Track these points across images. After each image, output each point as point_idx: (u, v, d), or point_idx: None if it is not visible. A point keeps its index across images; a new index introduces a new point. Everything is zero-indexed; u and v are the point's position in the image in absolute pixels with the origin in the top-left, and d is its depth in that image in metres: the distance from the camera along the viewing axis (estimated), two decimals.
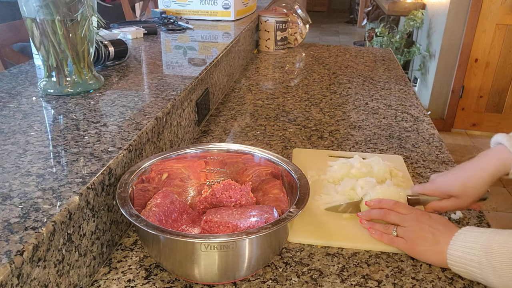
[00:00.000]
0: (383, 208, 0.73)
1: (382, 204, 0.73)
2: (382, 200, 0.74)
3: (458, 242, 0.63)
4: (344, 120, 1.19)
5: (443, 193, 0.74)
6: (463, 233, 0.64)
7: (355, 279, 0.64)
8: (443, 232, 0.66)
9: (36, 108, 0.81)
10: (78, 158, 0.63)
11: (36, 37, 0.82)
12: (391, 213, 0.71)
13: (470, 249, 0.62)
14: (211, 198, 0.73)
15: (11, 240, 0.46)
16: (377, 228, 0.72)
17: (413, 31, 3.91)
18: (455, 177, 0.74)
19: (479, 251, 0.60)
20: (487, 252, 0.60)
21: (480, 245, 0.61)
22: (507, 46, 3.11)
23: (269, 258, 0.65)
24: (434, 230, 0.67)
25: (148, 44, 1.32)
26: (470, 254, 0.61)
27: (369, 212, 0.74)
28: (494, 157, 0.70)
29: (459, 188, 0.72)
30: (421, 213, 0.71)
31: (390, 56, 1.86)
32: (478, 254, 0.60)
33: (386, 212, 0.72)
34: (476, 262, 0.61)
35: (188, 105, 1.01)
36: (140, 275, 0.63)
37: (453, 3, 3.09)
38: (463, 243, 0.63)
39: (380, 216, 0.72)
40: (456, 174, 0.74)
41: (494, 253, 0.59)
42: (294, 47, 1.93)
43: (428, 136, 1.11)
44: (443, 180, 0.75)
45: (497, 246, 0.59)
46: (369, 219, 0.74)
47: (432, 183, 0.76)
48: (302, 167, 0.74)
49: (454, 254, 0.63)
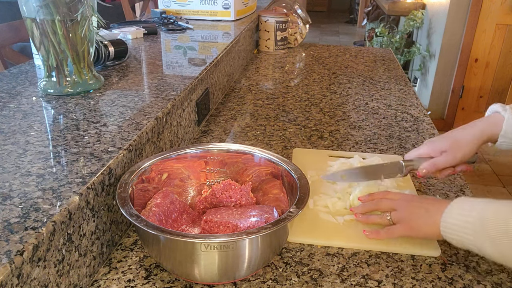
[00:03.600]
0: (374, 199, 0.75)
1: (374, 196, 0.76)
2: (373, 193, 0.77)
3: (453, 210, 0.64)
4: (344, 120, 1.19)
5: (436, 150, 0.78)
6: (459, 201, 0.65)
7: (355, 279, 0.64)
8: (436, 206, 0.67)
9: (36, 108, 0.81)
10: (78, 158, 0.63)
11: (36, 37, 0.82)
12: (382, 200, 0.74)
13: (465, 217, 0.62)
14: (211, 198, 0.73)
15: (11, 240, 0.46)
16: (372, 221, 0.73)
17: (413, 31, 3.91)
18: (448, 135, 0.79)
19: (474, 218, 0.61)
20: (482, 220, 0.60)
21: (477, 212, 0.61)
22: (507, 46, 3.11)
23: (269, 258, 0.65)
24: (425, 205, 0.68)
25: (148, 44, 1.32)
26: (465, 222, 0.62)
27: (363, 205, 0.76)
28: (486, 119, 0.77)
29: (451, 142, 0.77)
30: (411, 195, 0.74)
31: (390, 56, 1.86)
32: (474, 222, 0.61)
33: (378, 200, 0.74)
34: (471, 230, 0.61)
35: (188, 105, 1.01)
36: (140, 275, 0.63)
37: (453, 3, 3.09)
38: (459, 211, 0.64)
39: (373, 205, 0.74)
40: (448, 134, 0.80)
41: (490, 221, 0.59)
42: (294, 47, 1.93)
43: (428, 136, 1.11)
44: (436, 139, 0.81)
45: (492, 214, 0.60)
46: (363, 212, 0.75)
47: (426, 144, 0.81)
48: (302, 167, 0.74)
49: (448, 221, 0.64)
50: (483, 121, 0.77)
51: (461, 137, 0.76)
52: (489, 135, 0.75)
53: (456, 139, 0.77)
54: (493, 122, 0.75)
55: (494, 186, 2.68)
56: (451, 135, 0.78)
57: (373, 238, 0.71)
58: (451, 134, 0.79)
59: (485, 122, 0.77)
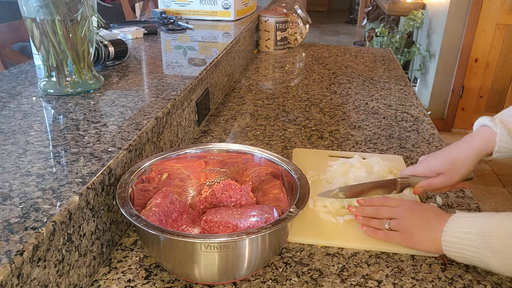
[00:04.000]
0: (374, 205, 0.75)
1: (373, 202, 0.76)
2: (371, 199, 0.77)
3: (452, 228, 0.64)
4: (344, 120, 1.19)
5: (433, 172, 0.77)
6: (456, 219, 0.65)
7: (355, 279, 0.64)
8: (435, 218, 0.67)
9: (36, 108, 0.81)
10: (78, 158, 0.63)
11: (36, 37, 0.82)
12: (382, 208, 0.73)
13: (466, 234, 0.62)
14: (211, 198, 0.73)
15: (11, 240, 0.46)
16: (371, 225, 0.73)
17: (413, 31, 3.91)
18: (444, 155, 0.77)
19: (476, 235, 0.61)
20: (485, 235, 0.60)
21: (477, 229, 0.61)
22: (507, 46, 3.11)
23: (269, 258, 0.65)
24: (426, 217, 0.68)
25: (148, 44, 1.32)
26: (467, 239, 0.62)
27: (362, 209, 0.76)
28: (479, 136, 0.75)
29: (447, 165, 0.75)
30: (411, 202, 0.73)
31: (390, 56, 1.86)
32: (476, 238, 0.61)
33: (378, 208, 0.74)
34: (474, 247, 0.61)
35: (188, 105, 1.01)
36: (140, 275, 0.63)
37: (453, 3, 3.09)
38: (458, 228, 0.64)
39: (373, 212, 0.74)
40: (444, 153, 0.78)
41: (492, 236, 0.59)
42: (294, 47, 1.93)
43: (428, 136, 1.11)
44: (432, 159, 0.78)
45: (495, 228, 0.60)
46: (363, 215, 0.75)
47: (422, 163, 0.79)
48: (302, 167, 0.74)
49: (449, 240, 0.64)
50: (478, 138, 0.74)
51: (458, 159, 0.75)
52: (485, 153, 0.74)
53: (452, 162, 0.75)
54: (488, 139, 0.73)
55: (494, 186, 2.68)
56: (448, 156, 0.76)
57: (371, 236, 0.72)
58: (448, 155, 0.76)
59: (480, 139, 0.74)
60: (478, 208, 0.82)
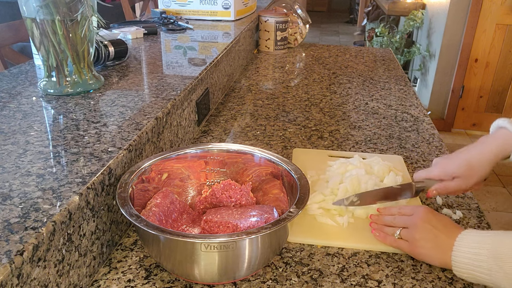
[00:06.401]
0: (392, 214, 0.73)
1: (391, 211, 0.74)
2: (389, 208, 0.75)
3: (461, 248, 0.62)
4: (344, 120, 1.19)
5: (448, 175, 0.74)
6: (465, 237, 0.63)
7: (355, 279, 0.64)
8: (445, 233, 0.65)
9: (36, 108, 0.81)
10: (78, 158, 0.63)
11: (36, 37, 0.82)
12: (397, 217, 0.72)
13: (476, 255, 0.60)
14: (211, 198, 0.73)
15: (11, 240, 0.46)
16: (382, 230, 0.72)
17: (413, 31, 3.91)
18: (460, 158, 0.74)
19: (487, 257, 0.59)
20: (497, 257, 0.58)
21: (487, 250, 0.59)
22: (507, 46, 3.11)
23: (269, 258, 0.65)
24: (436, 232, 0.66)
25: (148, 44, 1.32)
26: (477, 261, 0.60)
27: (382, 217, 0.74)
28: (497, 138, 0.72)
29: (464, 168, 0.73)
30: (424, 211, 0.69)
31: (390, 56, 1.86)
32: (487, 260, 0.59)
33: (394, 217, 0.72)
34: (486, 269, 0.59)
35: (188, 105, 1.01)
36: (140, 275, 0.63)
37: (453, 3, 3.09)
38: (467, 248, 0.62)
39: (390, 221, 0.72)
40: (460, 156, 0.75)
41: (505, 258, 0.57)
42: (294, 47, 1.93)
43: (428, 136, 1.11)
44: (448, 162, 0.76)
45: (507, 250, 0.58)
46: (381, 223, 0.73)
47: (436, 166, 0.77)
48: (302, 167, 0.74)
49: (459, 261, 0.62)
50: (495, 141, 0.72)
51: (475, 162, 0.72)
52: (502, 157, 0.72)
53: (469, 165, 0.72)
54: (506, 142, 0.71)
55: (494, 186, 2.68)
56: (464, 158, 0.74)
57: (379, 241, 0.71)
58: (464, 157, 0.74)
59: (497, 142, 0.72)
60: (478, 208, 0.82)
